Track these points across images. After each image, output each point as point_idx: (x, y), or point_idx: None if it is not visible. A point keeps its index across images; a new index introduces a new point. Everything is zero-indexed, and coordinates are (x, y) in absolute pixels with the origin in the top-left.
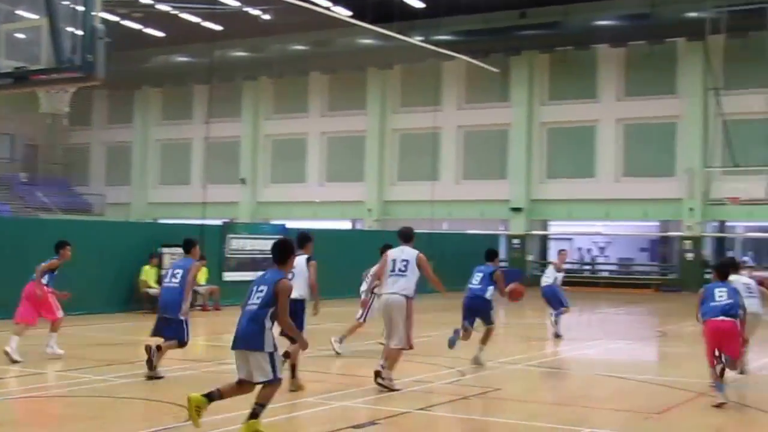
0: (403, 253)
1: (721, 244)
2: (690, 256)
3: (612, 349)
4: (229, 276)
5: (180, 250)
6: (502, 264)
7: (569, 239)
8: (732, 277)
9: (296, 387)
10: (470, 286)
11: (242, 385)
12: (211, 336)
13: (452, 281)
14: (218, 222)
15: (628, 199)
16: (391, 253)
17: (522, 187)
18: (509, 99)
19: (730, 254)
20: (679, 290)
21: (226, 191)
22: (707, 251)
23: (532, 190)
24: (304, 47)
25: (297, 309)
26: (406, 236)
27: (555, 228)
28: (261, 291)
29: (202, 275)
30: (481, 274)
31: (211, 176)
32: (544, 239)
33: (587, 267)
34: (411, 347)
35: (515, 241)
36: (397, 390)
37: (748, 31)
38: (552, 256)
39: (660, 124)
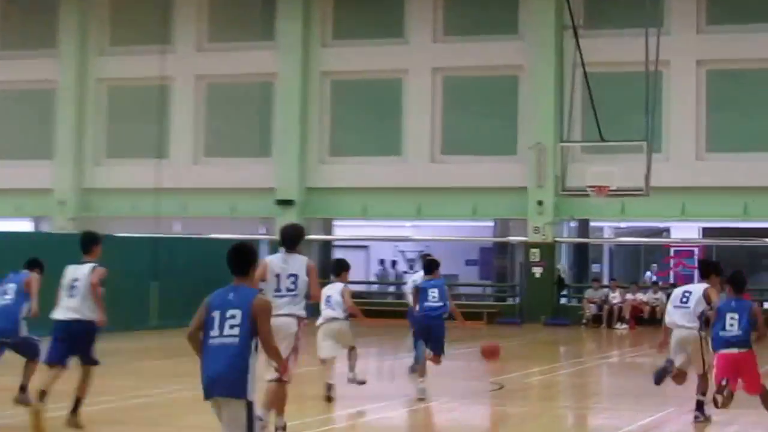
0: (289, 264)
1: (582, 254)
2: (538, 271)
3: (425, 410)
4: None
5: None
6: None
7: (364, 247)
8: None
9: (76, 425)
10: (426, 303)
11: None
12: None
13: (186, 310)
14: None
15: (435, 189)
16: (273, 265)
17: (293, 170)
18: (275, 38)
19: (595, 268)
20: (519, 322)
21: None
22: (563, 264)
23: (307, 175)
24: None
25: (83, 333)
26: (292, 239)
27: (343, 230)
28: (233, 318)
29: None
30: (437, 290)
31: None
32: (327, 247)
33: (391, 289)
34: (287, 379)
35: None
36: None
37: None
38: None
39: (492, 78)
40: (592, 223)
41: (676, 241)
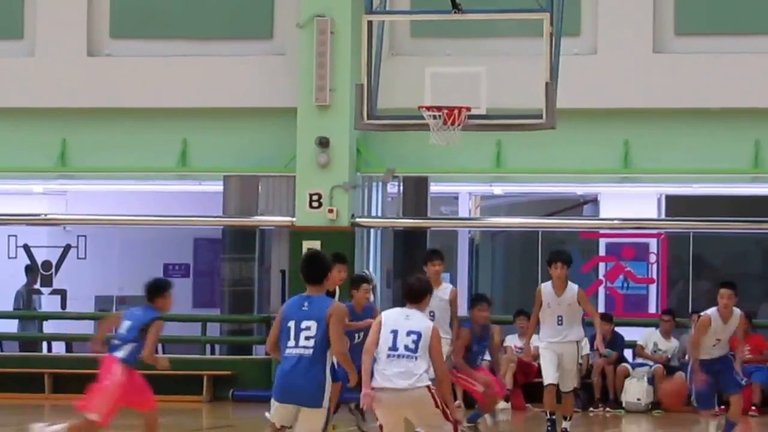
0: None
1: (414, 251)
2: None
3: None
4: None
5: None
6: None
7: None
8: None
9: None
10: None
11: None
12: None
13: None
14: None
15: (97, 111)
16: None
17: None
18: None
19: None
20: None
21: None
22: (371, 273)
23: None
24: None
25: None
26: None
27: None
28: (308, 329)
29: None
30: None
31: None
32: None
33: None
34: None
35: None
36: None
37: None
38: None
39: None
40: (434, 187)
41: (612, 223)
